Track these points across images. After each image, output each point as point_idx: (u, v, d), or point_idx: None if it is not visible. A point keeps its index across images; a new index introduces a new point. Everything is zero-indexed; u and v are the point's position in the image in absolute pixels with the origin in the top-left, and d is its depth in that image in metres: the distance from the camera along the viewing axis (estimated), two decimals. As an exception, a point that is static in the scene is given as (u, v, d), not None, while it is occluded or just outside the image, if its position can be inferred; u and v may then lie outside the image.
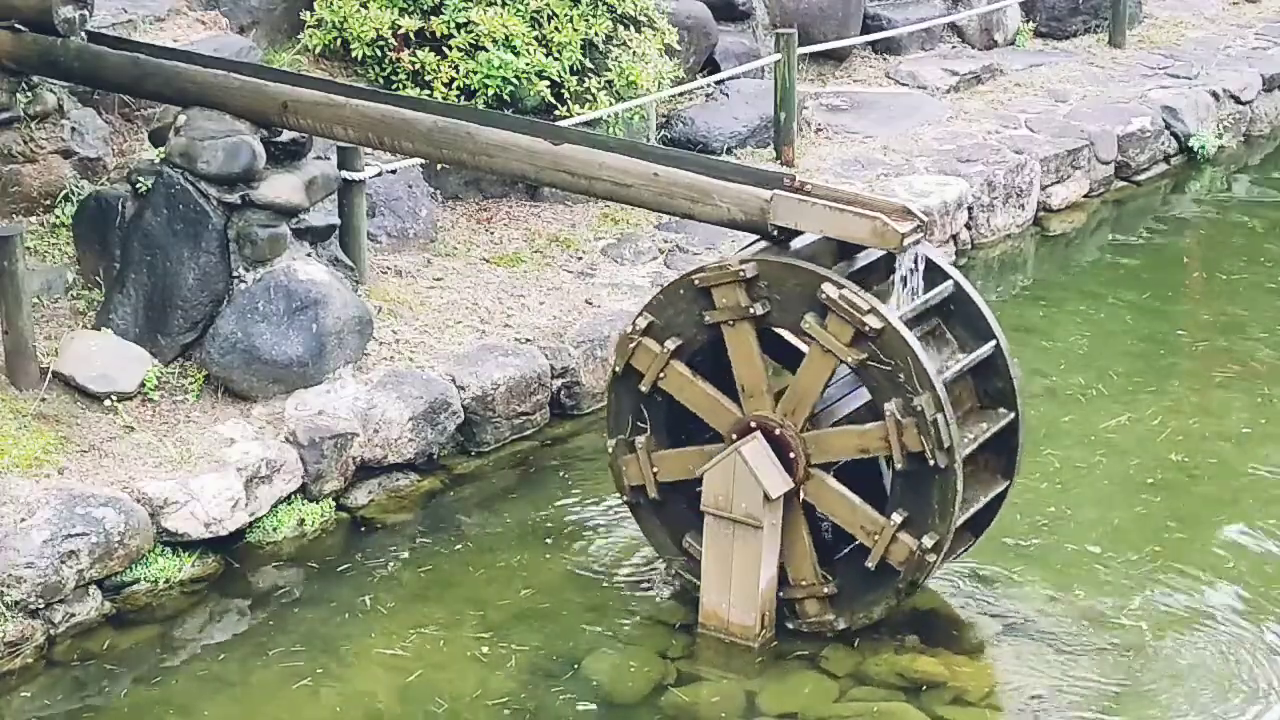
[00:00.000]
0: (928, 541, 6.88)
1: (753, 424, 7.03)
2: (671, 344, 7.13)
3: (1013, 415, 7.21)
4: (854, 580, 7.15)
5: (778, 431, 7.00)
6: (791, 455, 7.01)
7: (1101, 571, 7.85)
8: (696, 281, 7.00)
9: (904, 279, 6.97)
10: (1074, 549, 8.02)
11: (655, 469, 7.35)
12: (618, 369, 7.33)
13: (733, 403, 7.12)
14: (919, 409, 6.70)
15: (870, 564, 7.01)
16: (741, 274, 6.87)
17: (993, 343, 7.15)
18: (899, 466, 6.85)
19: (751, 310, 6.91)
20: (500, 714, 6.86)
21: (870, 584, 7.11)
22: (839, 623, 7.20)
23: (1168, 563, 7.91)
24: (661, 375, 7.19)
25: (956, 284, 7.16)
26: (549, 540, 8.14)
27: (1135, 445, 9.05)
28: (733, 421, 7.11)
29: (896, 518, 6.91)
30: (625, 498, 7.52)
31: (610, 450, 7.45)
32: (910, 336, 6.73)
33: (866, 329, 6.68)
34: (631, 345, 7.22)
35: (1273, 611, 7.54)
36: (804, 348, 7.03)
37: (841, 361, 6.81)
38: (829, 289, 6.73)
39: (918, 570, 6.99)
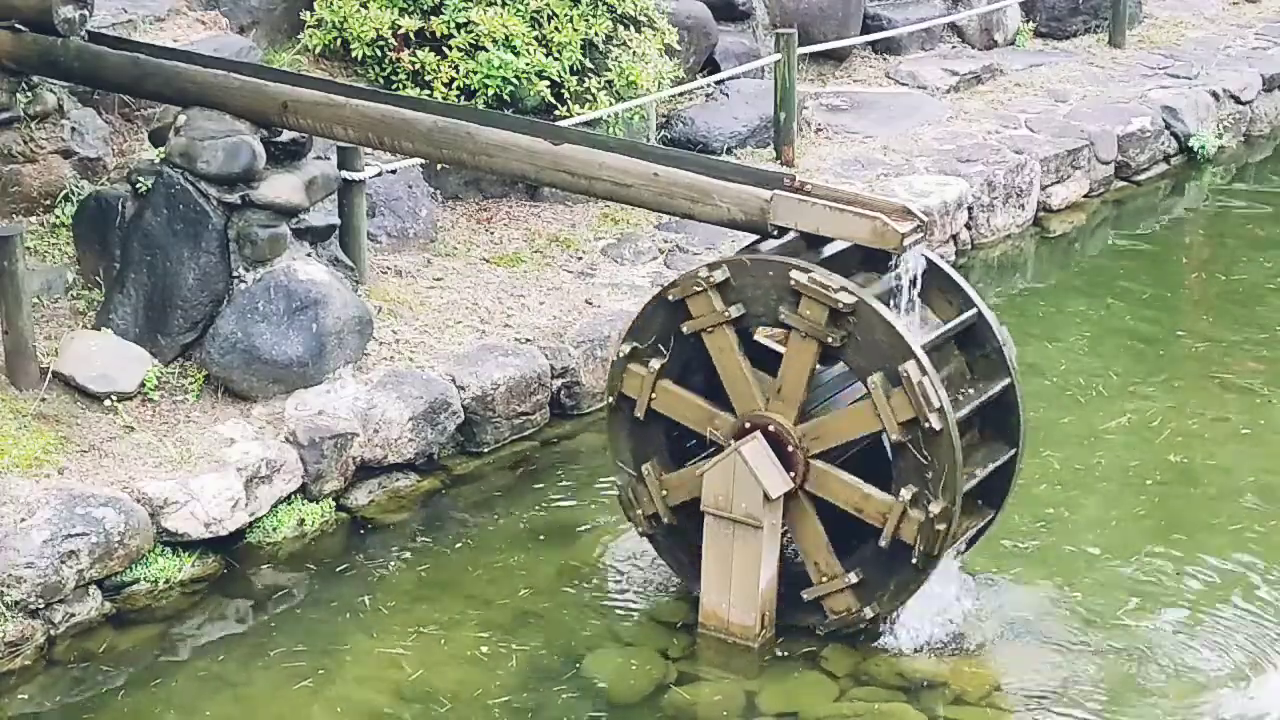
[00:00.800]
0: (869, 612, 7.04)
1: (771, 427, 7.00)
2: (735, 311, 7.00)
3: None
4: (785, 596, 7.27)
5: (790, 449, 6.98)
6: (792, 474, 7.01)
7: (1101, 571, 7.85)
8: (792, 282, 6.81)
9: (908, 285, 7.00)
10: (1074, 549, 8.01)
11: (654, 395, 7.27)
12: (671, 297, 7.14)
13: (758, 390, 7.07)
14: (935, 518, 6.75)
15: (806, 597, 7.15)
16: (839, 305, 6.73)
17: (1011, 451, 7.19)
18: (884, 544, 6.88)
19: (829, 338, 6.80)
20: (500, 714, 6.86)
21: (797, 608, 7.23)
22: None
23: (1167, 563, 7.91)
24: (709, 331, 7.09)
25: (1011, 383, 7.17)
26: (549, 540, 8.14)
27: (1135, 445, 9.05)
28: (749, 409, 7.09)
29: (853, 577, 7.01)
30: (610, 400, 7.44)
31: (620, 354, 7.34)
32: (959, 449, 6.71)
33: (926, 425, 6.67)
34: (696, 289, 7.04)
35: (1273, 612, 7.53)
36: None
37: (880, 427, 6.81)
38: (912, 369, 6.65)
39: (846, 626, 7.14)
